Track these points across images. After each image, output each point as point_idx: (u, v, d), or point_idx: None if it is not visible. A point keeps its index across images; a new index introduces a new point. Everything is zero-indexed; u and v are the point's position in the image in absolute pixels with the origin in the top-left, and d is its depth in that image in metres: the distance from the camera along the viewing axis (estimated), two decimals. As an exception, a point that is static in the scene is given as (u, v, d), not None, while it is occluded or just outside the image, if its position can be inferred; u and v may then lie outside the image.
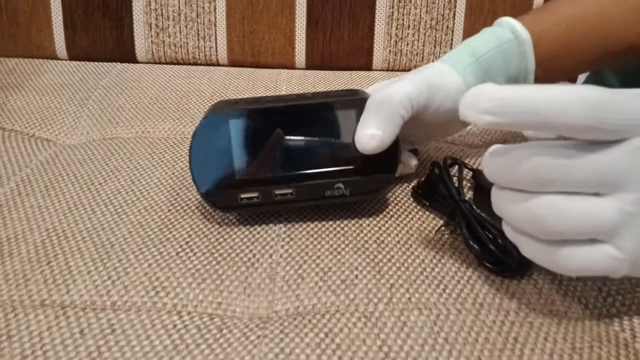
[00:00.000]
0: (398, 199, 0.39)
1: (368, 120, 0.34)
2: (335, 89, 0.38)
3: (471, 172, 0.40)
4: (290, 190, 0.34)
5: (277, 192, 0.34)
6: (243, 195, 0.34)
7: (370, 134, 0.33)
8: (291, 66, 0.64)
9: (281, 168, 0.34)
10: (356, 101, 0.34)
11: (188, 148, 0.45)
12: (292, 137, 0.34)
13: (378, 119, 0.34)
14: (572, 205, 0.25)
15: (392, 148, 0.34)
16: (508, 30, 0.39)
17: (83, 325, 0.27)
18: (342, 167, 0.34)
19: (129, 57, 0.63)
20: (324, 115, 0.34)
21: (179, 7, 0.61)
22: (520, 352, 0.27)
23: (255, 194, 0.34)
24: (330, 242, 0.34)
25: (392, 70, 0.64)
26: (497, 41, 0.39)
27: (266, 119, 0.34)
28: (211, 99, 0.54)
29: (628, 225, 0.24)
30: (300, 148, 0.34)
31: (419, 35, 0.63)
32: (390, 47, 0.63)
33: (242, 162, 0.34)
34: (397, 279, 0.31)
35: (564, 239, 0.26)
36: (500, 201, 0.28)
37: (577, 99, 0.24)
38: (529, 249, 0.27)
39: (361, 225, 0.36)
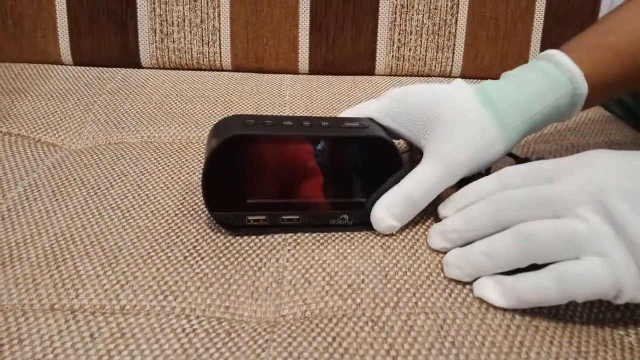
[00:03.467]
0: (403, 204, 0.39)
1: (394, 207, 0.35)
2: (350, 117, 0.38)
3: None
4: (297, 217, 0.35)
5: (284, 217, 0.35)
6: (251, 217, 0.34)
7: (392, 226, 0.35)
8: (295, 71, 0.64)
9: (290, 195, 0.35)
10: (370, 139, 0.35)
11: (194, 157, 0.45)
12: (304, 166, 0.35)
13: (402, 212, 0.35)
14: (544, 225, 0.29)
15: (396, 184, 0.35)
16: (568, 80, 0.36)
17: (93, 330, 0.27)
18: (348, 200, 0.35)
19: (134, 62, 0.63)
20: (337, 149, 0.35)
21: (184, 13, 0.61)
22: (526, 356, 0.27)
23: (262, 217, 0.35)
24: (337, 248, 0.34)
25: (395, 75, 0.65)
26: (556, 94, 0.36)
27: (282, 146, 0.34)
28: (216, 104, 0.54)
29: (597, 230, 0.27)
30: (311, 177, 0.35)
31: (421, 41, 0.63)
32: (393, 52, 0.63)
33: (254, 185, 0.34)
34: (404, 284, 0.31)
35: (553, 258, 0.28)
36: (491, 251, 0.30)
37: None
38: (533, 287, 0.29)
39: (367, 231, 0.36)
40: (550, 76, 0.36)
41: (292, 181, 0.35)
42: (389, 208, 0.35)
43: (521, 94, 0.36)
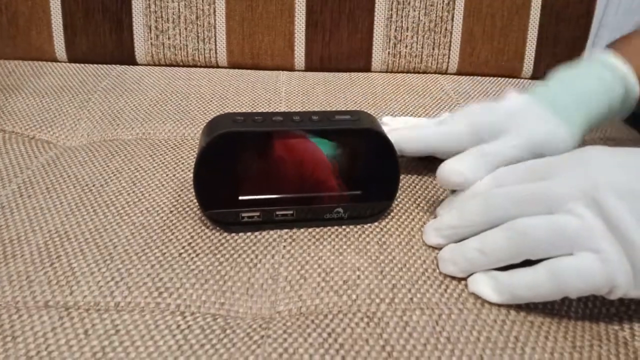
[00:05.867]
0: (399, 200, 0.39)
1: (466, 158, 0.35)
2: (342, 109, 0.37)
3: None
4: (291, 212, 0.35)
5: (278, 212, 0.35)
6: (244, 214, 0.34)
7: (459, 170, 0.34)
8: (290, 68, 0.64)
9: (283, 190, 0.35)
10: (362, 131, 0.34)
11: (189, 153, 0.45)
12: (295, 161, 0.34)
13: (474, 162, 0.34)
14: (537, 220, 0.29)
15: (392, 176, 0.35)
16: (621, 86, 0.37)
17: (87, 326, 0.27)
18: (342, 193, 0.35)
19: (129, 59, 0.63)
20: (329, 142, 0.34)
21: (179, 9, 0.61)
22: (521, 351, 0.27)
23: (256, 213, 0.35)
24: (332, 243, 0.34)
25: (391, 72, 0.65)
26: (609, 99, 0.37)
27: (272, 142, 0.34)
28: (211, 101, 0.54)
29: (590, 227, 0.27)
30: (303, 171, 0.35)
31: (417, 38, 0.63)
32: (389, 49, 0.63)
33: (246, 182, 0.34)
34: (399, 280, 0.31)
35: (546, 253, 0.28)
36: (486, 248, 0.30)
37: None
38: (527, 282, 0.29)
39: (362, 226, 0.36)
40: (608, 87, 0.37)
41: (284, 176, 0.34)
42: (463, 157, 0.35)
43: (581, 99, 0.36)
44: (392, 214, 0.37)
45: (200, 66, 0.64)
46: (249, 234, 0.35)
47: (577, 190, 0.28)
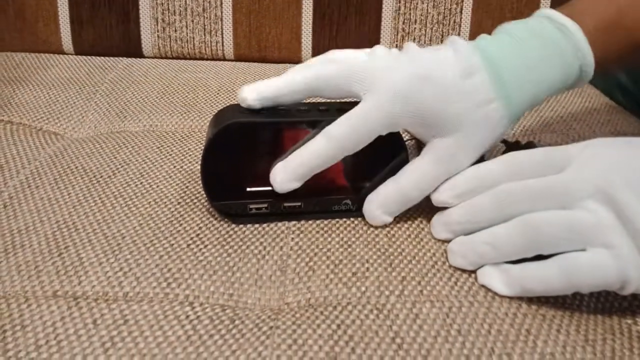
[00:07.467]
0: (407, 192, 0.39)
1: (390, 204, 0.34)
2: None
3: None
4: (299, 203, 0.34)
5: (286, 204, 0.34)
6: (252, 205, 0.34)
7: (386, 222, 0.35)
8: (297, 61, 0.64)
9: None
10: None
11: (196, 145, 0.45)
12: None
13: (398, 209, 0.34)
14: (550, 215, 0.28)
15: (401, 167, 0.35)
16: (578, 67, 0.35)
17: (96, 316, 0.27)
18: (350, 184, 0.35)
19: (135, 51, 0.62)
20: None
21: (186, 1, 0.61)
22: (533, 344, 0.27)
23: (264, 205, 0.34)
24: (341, 235, 0.34)
25: (399, 65, 0.64)
26: (565, 77, 0.35)
27: (279, 132, 0.33)
28: (218, 94, 0.54)
29: (604, 223, 0.27)
30: None
31: (425, 30, 0.62)
32: (397, 41, 0.63)
33: (253, 173, 0.34)
34: (409, 272, 0.31)
35: (558, 249, 0.28)
36: (499, 243, 0.30)
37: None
38: (539, 276, 0.29)
39: (371, 218, 0.36)
40: (563, 57, 0.34)
41: None
42: (385, 205, 0.34)
43: (531, 73, 0.34)
44: (401, 206, 0.37)
45: (207, 59, 0.63)
46: (256, 225, 0.35)
47: (590, 186, 0.28)
